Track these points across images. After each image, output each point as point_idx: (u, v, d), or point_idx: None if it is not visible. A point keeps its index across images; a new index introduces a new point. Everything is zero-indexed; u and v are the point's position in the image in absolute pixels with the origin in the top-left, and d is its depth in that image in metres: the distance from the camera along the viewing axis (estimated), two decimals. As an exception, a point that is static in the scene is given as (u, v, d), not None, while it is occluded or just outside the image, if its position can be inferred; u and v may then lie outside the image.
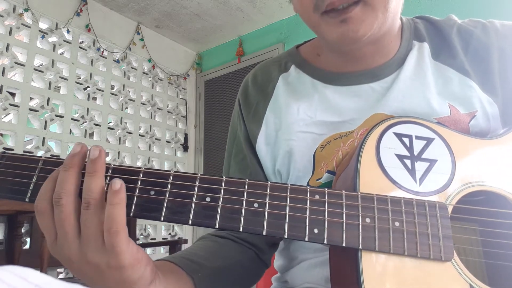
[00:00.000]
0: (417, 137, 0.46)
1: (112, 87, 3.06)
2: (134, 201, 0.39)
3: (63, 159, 0.40)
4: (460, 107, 0.56)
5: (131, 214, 0.38)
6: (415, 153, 0.45)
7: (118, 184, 0.37)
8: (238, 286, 0.59)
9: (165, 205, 0.39)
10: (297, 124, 0.60)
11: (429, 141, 0.46)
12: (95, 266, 0.37)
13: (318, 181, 0.57)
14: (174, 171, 0.40)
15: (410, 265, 0.39)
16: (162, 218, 0.38)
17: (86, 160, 0.39)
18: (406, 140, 0.46)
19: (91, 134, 2.88)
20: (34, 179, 0.40)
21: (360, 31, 0.50)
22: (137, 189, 0.39)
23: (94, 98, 2.91)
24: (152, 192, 0.39)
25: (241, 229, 0.38)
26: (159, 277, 0.42)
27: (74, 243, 0.37)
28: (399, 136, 0.46)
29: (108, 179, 0.39)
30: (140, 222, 3.02)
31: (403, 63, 0.59)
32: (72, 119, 2.72)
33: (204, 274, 0.50)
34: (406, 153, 0.45)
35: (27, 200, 0.39)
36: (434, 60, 0.59)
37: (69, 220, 0.37)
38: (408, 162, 0.44)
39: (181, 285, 0.46)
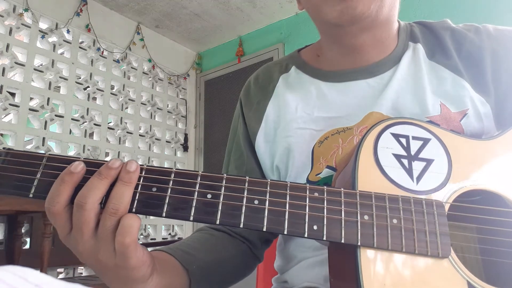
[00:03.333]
0: (414, 138, 0.47)
1: (112, 87, 3.06)
2: (136, 197, 0.40)
3: (67, 156, 0.41)
4: (452, 106, 0.57)
5: (133, 210, 0.39)
6: (412, 153, 0.46)
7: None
8: (230, 278, 0.61)
9: (166, 201, 0.40)
10: (296, 121, 0.62)
11: (425, 141, 0.47)
12: (104, 264, 0.39)
13: (318, 175, 0.58)
14: (176, 169, 0.41)
15: (408, 261, 0.40)
16: (164, 214, 0.39)
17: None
18: (403, 140, 0.46)
19: (91, 134, 2.88)
20: (38, 176, 0.40)
21: (358, 8, 0.53)
22: (139, 186, 0.40)
23: (94, 98, 2.92)
24: (154, 189, 0.40)
25: (241, 226, 0.39)
26: (157, 270, 0.44)
27: (88, 242, 0.39)
28: (396, 136, 0.46)
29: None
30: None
31: (399, 61, 0.61)
32: (72, 119, 2.72)
33: (198, 266, 0.52)
34: (403, 153, 0.45)
35: (31, 196, 0.40)
36: (429, 60, 0.61)
37: (89, 224, 0.38)
38: (405, 161, 0.45)
39: (177, 277, 0.48)
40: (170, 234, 3.31)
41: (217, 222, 0.39)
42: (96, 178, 0.39)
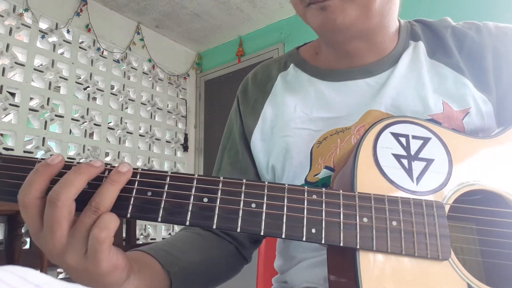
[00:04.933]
0: (414, 137, 0.46)
1: (112, 87, 3.06)
2: (131, 202, 0.39)
3: None
4: (454, 104, 0.56)
5: (128, 215, 0.38)
6: (412, 152, 0.45)
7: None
8: (214, 280, 0.59)
9: (162, 206, 0.39)
10: (294, 121, 0.62)
11: (425, 140, 0.46)
12: (72, 267, 0.37)
13: (316, 176, 0.57)
14: (171, 172, 0.40)
15: (407, 264, 0.39)
16: (160, 219, 0.38)
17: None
18: (403, 140, 0.46)
19: (91, 134, 2.88)
20: None
21: (338, 19, 0.53)
22: (134, 190, 0.39)
23: (94, 98, 2.92)
24: (149, 193, 0.39)
25: (238, 230, 0.38)
26: (134, 272, 0.42)
27: (59, 242, 0.37)
28: (396, 136, 0.46)
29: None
30: (140, 222, 3.02)
31: (398, 61, 0.61)
32: (72, 119, 2.72)
33: (180, 268, 0.50)
34: (403, 153, 0.45)
35: None
36: (429, 58, 0.61)
37: (60, 222, 0.36)
38: (405, 161, 0.44)
39: (156, 280, 0.47)
40: (170, 234, 3.31)
41: (214, 227, 0.38)
42: (73, 173, 0.36)
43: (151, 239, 3.13)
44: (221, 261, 0.61)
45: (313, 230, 0.39)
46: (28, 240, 2.37)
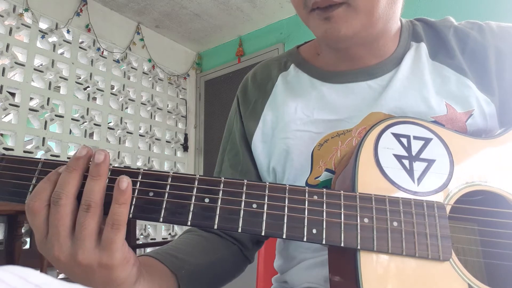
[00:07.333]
0: (415, 137, 0.46)
1: (112, 87, 3.06)
2: (133, 202, 0.39)
3: (63, 161, 0.41)
4: (457, 106, 0.56)
5: (130, 215, 0.39)
6: (413, 153, 0.45)
7: (125, 183, 0.38)
8: (220, 281, 0.60)
9: (164, 206, 0.39)
10: (294, 123, 0.61)
11: (427, 141, 0.46)
12: (85, 266, 0.38)
13: (317, 179, 0.57)
14: (173, 172, 0.40)
15: (408, 265, 0.39)
16: (161, 220, 0.38)
17: (90, 163, 0.39)
18: (404, 140, 0.46)
19: (91, 134, 2.88)
20: (34, 181, 0.40)
21: (342, 30, 0.52)
22: (136, 191, 0.39)
23: (94, 98, 2.92)
24: (151, 193, 0.39)
25: (239, 230, 0.38)
26: (143, 275, 0.43)
27: (65, 243, 0.37)
28: (397, 136, 0.46)
29: (107, 180, 0.39)
30: (140, 222, 3.02)
31: (400, 62, 0.60)
32: (72, 119, 2.72)
33: (187, 271, 0.51)
34: (404, 153, 0.45)
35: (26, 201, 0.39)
36: (431, 60, 0.60)
37: (64, 221, 0.37)
38: (406, 162, 0.44)
39: (165, 282, 0.47)
40: (170, 234, 3.31)
41: (215, 227, 0.38)
42: (66, 172, 0.38)
43: (151, 239, 3.13)
44: (226, 261, 0.61)
45: (314, 231, 0.39)
46: (28, 240, 2.37)
